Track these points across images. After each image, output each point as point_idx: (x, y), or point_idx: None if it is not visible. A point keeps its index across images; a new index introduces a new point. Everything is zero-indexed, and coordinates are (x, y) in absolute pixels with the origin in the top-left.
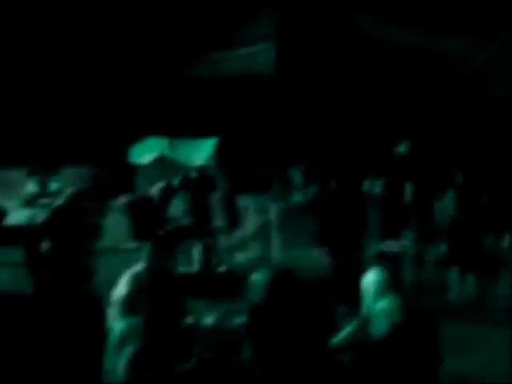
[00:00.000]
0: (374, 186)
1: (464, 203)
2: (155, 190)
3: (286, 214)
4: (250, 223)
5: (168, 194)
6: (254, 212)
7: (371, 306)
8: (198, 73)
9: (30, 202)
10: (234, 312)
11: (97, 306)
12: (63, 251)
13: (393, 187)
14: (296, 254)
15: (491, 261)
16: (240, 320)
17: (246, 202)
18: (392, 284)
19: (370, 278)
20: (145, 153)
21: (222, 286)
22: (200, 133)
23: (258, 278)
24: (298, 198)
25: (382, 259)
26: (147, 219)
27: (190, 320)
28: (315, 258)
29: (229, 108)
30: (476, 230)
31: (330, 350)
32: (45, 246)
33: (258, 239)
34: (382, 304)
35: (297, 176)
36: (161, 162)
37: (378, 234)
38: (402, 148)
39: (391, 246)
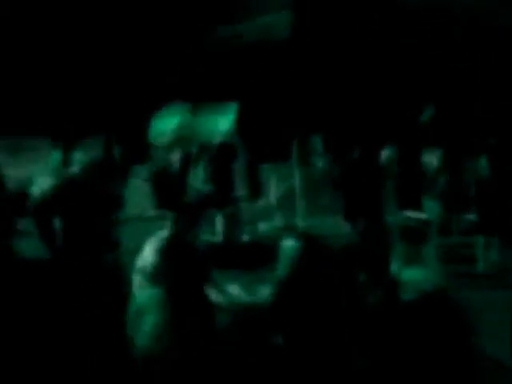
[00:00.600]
0: (394, 154)
1: (497, 168)
2: (175, 158)
3: (309, 182)
4: (274, 192)
5: (187, 162)
6: (276, 180)
7: (398, 275)
8: (217, 41)
9: (55, 170)
10: (259, 282)
11: (119, 276)
12: (80, 221)
13: (415, 154)
14: (321, 222)
15: None
16: (266, 291)
17: (268, 169)
18: (419, 253)
19: (397, 247)
20: (166, 121)
21: (246, 256)
22: (221, 99)
23: (288, 245)
24: (319, 164)
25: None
26: (170, 188)
27: (214, 291)
28: (339, 226)
29: (249, 74)
30: (508, 195)
31: (356, 320)
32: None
33: (281, 208)
34: (410, 274)
35: (317, 143)
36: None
37: (398, 203)
38: (427, 112)
39: (415, 214)
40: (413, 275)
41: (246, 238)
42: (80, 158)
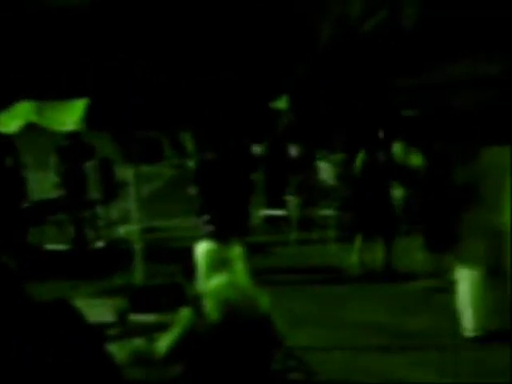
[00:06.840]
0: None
1: (370, 164)
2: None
3: (175, 183)
4: (134, 193)
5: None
6: (140, 181)
7: (203, 283)
8: None
9: None
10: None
11: None
12: None
13: (276, 148)
14: (181, 224)
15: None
16: None
17: (131, 170)
18: (230, 258)
19: (202, 252)
20: (12, 120)
21: (98, 262)
22: (71, 93)
23: None
24: (191, 164)
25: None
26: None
27: None
28: (192, 226)
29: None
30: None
31: None
32: None
33: (143, 210)
34: (213, 281)
35: (188, 142)
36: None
37: (263, 200)
38: (280, 104)
39: (277, 210)
40: (217, 283)
41: (100, 243)
42: None
